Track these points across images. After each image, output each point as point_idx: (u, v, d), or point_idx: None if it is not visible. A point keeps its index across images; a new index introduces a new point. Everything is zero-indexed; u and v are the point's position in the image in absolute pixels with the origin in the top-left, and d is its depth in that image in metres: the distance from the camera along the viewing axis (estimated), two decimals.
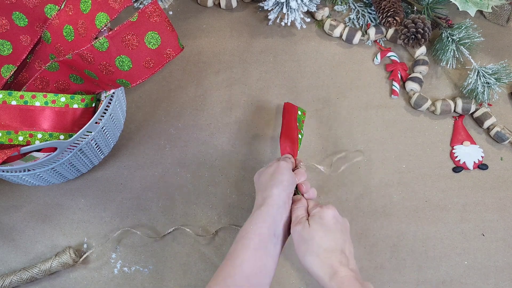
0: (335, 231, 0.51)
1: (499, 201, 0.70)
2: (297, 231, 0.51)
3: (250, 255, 0.48)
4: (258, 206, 0.53)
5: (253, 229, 0.50)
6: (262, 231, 0.50)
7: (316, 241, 0.50)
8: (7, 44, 0.63)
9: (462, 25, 0.78)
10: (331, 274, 0.47)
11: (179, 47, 0.57)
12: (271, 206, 0.52)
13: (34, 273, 0.62)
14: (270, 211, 0.52)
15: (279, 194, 0.53)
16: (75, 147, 0.60)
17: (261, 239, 0.49)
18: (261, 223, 0.50)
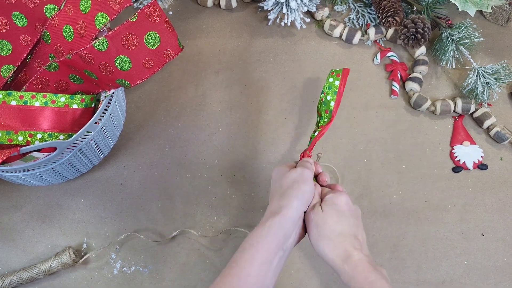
0: (348, 216, 0.50)
1: (499, 201, 0.70)
2: (310, 216, 0.51)
3: (256, 269, 0.46)
4: (272, 214, 0.49)
5: (262, 242, 0.47)
6: (272, 245, 0.48)
7: (329, 225, 0.49)
8: (7, 44, 0.63)
9: (462, 25, 0.78)
10: (345, 258, 0.47)
11: (179, 47, 0.57)
12: (287, 219, 0.49)
13: (34, 273, 0.62)
14: (284, 224, 0.49)
15: (298, 207, 0.50)
16: (74, 147, 0.60)
17: (269, 253, 0.47)
18: (272, 236, 0.48)
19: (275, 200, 0.51)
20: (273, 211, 0.50)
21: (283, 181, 0.52)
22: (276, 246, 0.48)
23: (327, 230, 0.49)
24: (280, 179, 0.53)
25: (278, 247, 0.48)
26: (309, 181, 0.52)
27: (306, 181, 0.52)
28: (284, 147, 0.74)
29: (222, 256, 0.66)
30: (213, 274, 0.64)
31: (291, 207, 0.49)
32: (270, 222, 0.48)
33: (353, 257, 0.47)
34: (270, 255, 0.47)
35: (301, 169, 0.53)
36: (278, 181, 0.53)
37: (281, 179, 0.53)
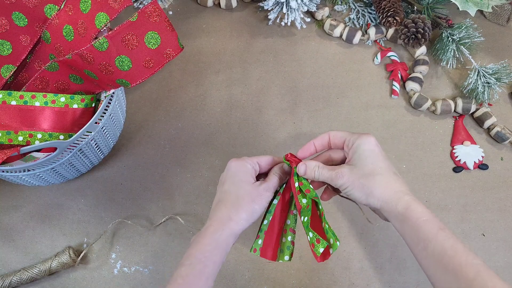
0: (382, 156, 0.49)
1: (500, 201, 0.70)
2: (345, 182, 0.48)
3: (203, 284, 0.46)
4: (221, 225, 0.48)
5: (210, 256, 0.46)
6: (218, 258, 0.47)
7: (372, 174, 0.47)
8: (7, 44, 0.63)
9: (462, 25, 0.78)
10: (396, 199, 0.46)
11: (179, 47, 0.57)
12: (233, 234, 0.48)
13: (34, 273, 0.62)
14: (230, 239, 0.48)
15: (244, 224, 0.48)
16: (75, 147, 0.60)
17: (216, 266, 0.47)
18: (219, 250, 0.47)
19: (227, 207, 0.49)
20: (222, 221, 0.48)
21: (243, 187, 0.50)
22: (221, 258, 0.47)
23: (370, 178, 0.47)
24: (239, 182, 0.50)
25: (222, 259, 0.48)
26: (265, 201, 0.50)
27: (262, 201, 0.49)
28: (284, 147, 0.74)
29: None
30: None
31: (239, 224, 0.48)
32: (218, 235, 0.47)
33: (404, 197, 0.46)
34: (216, 268, 0.47)
35: (266, 186, 0.50)
36: (237, 183, 0.50)
37: (241, 183, 0.50)
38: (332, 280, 0.65)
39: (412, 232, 0.45)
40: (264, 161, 0.54)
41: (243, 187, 0.50)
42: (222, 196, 0.50)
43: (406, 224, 0.45)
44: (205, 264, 0.46)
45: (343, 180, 0.48)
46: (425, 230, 0.44)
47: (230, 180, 0.51)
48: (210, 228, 0.48)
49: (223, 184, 0.51)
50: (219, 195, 0.51)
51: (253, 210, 0.49)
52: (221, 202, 0.50)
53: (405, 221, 0.45)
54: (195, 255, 0.47)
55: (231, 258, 0.65)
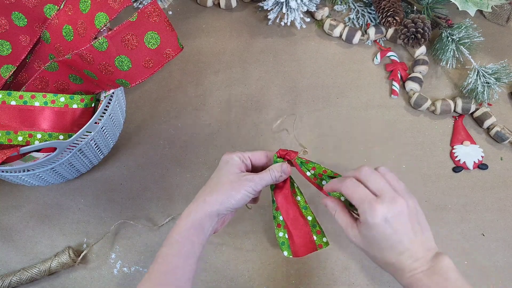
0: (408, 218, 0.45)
1: (499, 201, 0.70)
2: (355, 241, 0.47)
3: (182, 262, 0.48)
4: (196, 205, 0.50)
5: (186, 236, 0.49)
6: (194, 238, 0.49)
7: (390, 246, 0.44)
8: (7, 44, 0.63)
9: (462, 25, 0.78)
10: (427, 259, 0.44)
11: (179, 47, 0.57)
12: (207, 215, 0.49)
13: (34, 273, 0.62)
14: (204, 221, 0.49)
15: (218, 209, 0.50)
16: (74, 147, 0.60)
17: (193, 245, 0.49)
18: (195, 230, 0.49)
19: (204, 191, 0.51)
20: (197, 203, 0.50)
21: (225, 175, 0.51)
22: (199, 239, 0.49)
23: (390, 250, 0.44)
24: (224, 171, 0.52)
25: (200, 240, 0.49)
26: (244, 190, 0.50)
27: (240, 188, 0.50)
28: (284, 147, 0.73)
29: (222, 256, 0.66)
30: (213, 274, 0.64)
31: (212, 206, 0.49)
32: (192, 216, 0.49)
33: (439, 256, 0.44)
34: (194, 248, 0.48)
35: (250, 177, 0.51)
36: (221, 172, 0.52)
37: (225, 172, 0.52)
38: (332, 280, 0.65)
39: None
40: (256, 156, 0.54)
41: (225, 175, 0.51)
42: (206, 184, 0.53)
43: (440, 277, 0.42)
44: (182, 244, 0.48)
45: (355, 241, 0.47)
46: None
47: (217, 170, 0.53)
48: (185, 211, 0.50)
49: (212, 175, 0.54)
50: (205, 183, 0.53)
51: (228, 195, 0.50)
52: (202, 188, 0.52)
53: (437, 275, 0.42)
54: (172, 236, 0.49)
55: (230, 258, 0.65)
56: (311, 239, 0.54)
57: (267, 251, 0.66)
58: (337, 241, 0.66)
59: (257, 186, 0.51)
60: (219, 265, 0.65)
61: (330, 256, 0.66)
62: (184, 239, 0.48)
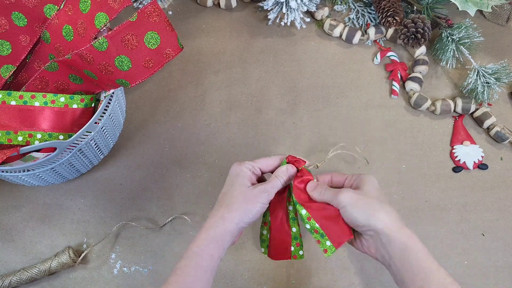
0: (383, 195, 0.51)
1: (499, 201, 0.70)
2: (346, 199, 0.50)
3: (201, 275, 0.48)
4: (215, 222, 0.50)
5: (207, 249, 0.49)
6: (214, 252, 0.49)
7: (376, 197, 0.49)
8: (7, 44, 0.63)
9: (462, 25, 0.78)
10: (399, 227, 0.47)
11: (179, 47, 0.57)
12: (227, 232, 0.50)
13: (34, 273, 0.62)
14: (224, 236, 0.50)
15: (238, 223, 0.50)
16: (74, 147, 0.60)
17: (212, 259, 0.49)
18: (214, 245, 0.49)
19: (224, 206, 0.51)
20: (216, 219, 0.51)
21: (237, 189, 0.52)
22: (217, 252, 0.50)
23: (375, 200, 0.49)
24: (235, 185, 0.52)
25: (219, 254, 0.50)
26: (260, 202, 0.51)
27: (256, 202, 0.51)
28: (284, 147, 0.74)
29: None
30: None
31: (232, 222, 0.50)
32: (212, 232, 0.50)
33: (406, 229, 0.48)
34: (213, 261, 0.49)
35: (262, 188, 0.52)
36: (233, 186, 0.52)
37: (237, 186, 0.52)
38: (332, 280, 0.65)
39: (414, 262, 0.46)
40: (265, 164, 0.55)
41: (237, 189, 0.52)
42: (219, 198, 0.53)
43: (408, 253, 0.46)
44: (201, 257, 0.49)
45: (346, 197, 0.49)
46: (428, 263, 0.46)
47: (228, 183, 0.54)
48: (205, 225, 0.51)
49: (224, 187, 0.54)
50: (219, 198, 0.53)
51: (246, 210, 0.50)
52: (218, 203, 0.53)
53: (406, 249, 0.46)
54: (192, 249, 0.50)
55: (230, 258, 0.65)
56: (287, 249, 0.55)
57: None
58: None
59: (271, 195, 0.52)
60: (219, 265, 0.65)
61: (330, 256, 0.66)
62: (204, 252, 0.49)
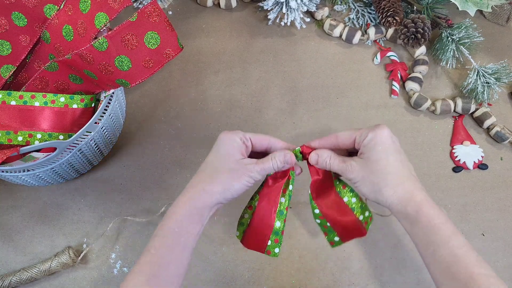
0: (396, 152, 0.45)
1: (499, 201, 0.70)
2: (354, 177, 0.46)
3: (177, 254, 0.43)
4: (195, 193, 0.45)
5: (185, 226, 0.44)
6: (192, 229, 0.45)
7: (381, 170, 0.45)
8: (6, 44, 0.63)
9: (462, 25, 0.78)
10: (407, 200, 0.44)
11: (179, 47, 0.57)
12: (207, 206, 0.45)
13: (34, 273, 0.62)
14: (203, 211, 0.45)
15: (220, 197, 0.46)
16: (74, 147, 0.60)
17: (190, 235, 0.45)
18: (193, 221, 0.45)
19: (202, 178, 0.46)
20: (196, 191, 0.46)
21: (225, 161, 0.47)
22: (196, 229, 0.45)
23: (380, 175, 0.45)
24: (223, 155, 0.47)
25: (198, 230, 0.45)
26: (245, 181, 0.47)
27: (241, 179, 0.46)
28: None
29: (222, 256, 0.66)
30: (213, 274, 0.64)
31: (213, 197, 0.45)
32: (192, 204, 0.45)
33: (416, 198, 0.44)
34: (191, 239, 0.45)
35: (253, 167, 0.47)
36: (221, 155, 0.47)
37: (225, 156, 0.47)
38: (332, 280, 0.65)
39: (423, 235, 0.43)
40: (259, 140, 0.50)
41: (225, 160, 0.47)
42: (202, 167, 0.48)
43: (417, 227, 0.43)
44: (179, 234, 0.44)
45: (353, 174, 0.46)
46: (436, 234, 0.42)
47: (215, 151, 0.48)
48: (183, 198, 0.46)
49: (208, 156, 0.49)
50: (202, 166, 0.48)
51: (229, 186, 0.46)
52: (200, 172, 0.48)
53: (415, 223, 0.44)
54: (168, 225, 0.45)
55: (230, 258, 0.65)
56: (264, 242, 0.51)
57: None
58: None
59: (257, 176, 0.47)
60: (219, 265, 0.65)
61: (330, 257, 0.66)
62: (181, 229, 0.44)
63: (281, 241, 0.51)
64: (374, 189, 0.45)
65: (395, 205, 0.45)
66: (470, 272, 0.40)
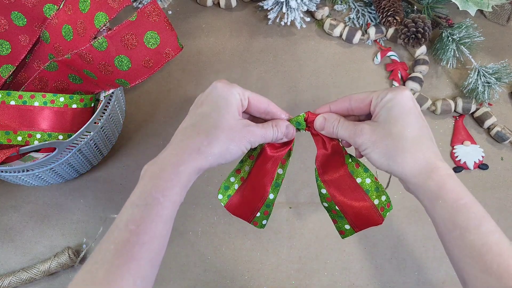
0: (418, 116, 0.39)
1: (500, 201, 0.70)
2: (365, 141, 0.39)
3: (161, 228, 0.37)
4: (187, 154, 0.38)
5: (170, 194, 0.38)
6: (178, 197, 0.39)
7: (401, 134, 0.38)
8: (6, 44, 0.63)
9: (462, 25, 0.78)
10: (428, 172, 0.38)
11: (179, 46, 0.56)
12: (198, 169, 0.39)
13: (33, 273, 0.62)
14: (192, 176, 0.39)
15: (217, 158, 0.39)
16: (74, 147, 0.60)
17: (175, 206, 0.39)
18: (179, 188, 0.38)
19: (199, 134, 0.39)
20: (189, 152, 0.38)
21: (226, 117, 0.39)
22: (180, 197, 0.39)
23: (398, 139, 0.38)
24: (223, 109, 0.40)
25: (181, 199, 0.39)
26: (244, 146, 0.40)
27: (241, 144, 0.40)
28: None
29: (222, 256, 0.65)
30: (213, 274, 0.64)
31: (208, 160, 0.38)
32: (182, 170, 0.38)
33: (439, 171, 0.38)
34: (174, 208, 0.39)
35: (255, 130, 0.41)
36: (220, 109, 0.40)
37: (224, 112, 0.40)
38: (332, 281, 0.64)
39: (447, 215, 0.37)
40: (257, 101, 0.43)
41: (225, 117, 0.40)
42: (197, 119, 0.40)
43: (439, 205, 0.37)
44: (163, 206, 0.37)
45: (363, 138, 0.39)
46: (465, 217, 0.37)
47: (213, 103, 0.41)
48: (172, 159, 0.39)
49: (201, 105, 0.41)
50: (193, 118, 0.41)
51: (227, 149, 0.39)
52: (193, 126, 0.40)
53: (437, 200, 0.37)
54: (151, 193, 0.38)
55: (230, 258, 0.65)
56: (253, 212, 0.46)
57: (267, 251, 0.66)
58: (337, 242, 0.66)
59: (256, 142, 0.41)
60: (219, 265, 0.65)
61: (330, 257, 0.66)
62: (166, 199, 0.38)
63: (270, 213, 0.47)
64: (388, 154, 0.38)
65: (413, 177, 0.38)
66: (506, 265, 0.35)
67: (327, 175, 0.45)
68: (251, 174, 0.46)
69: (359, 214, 0.45)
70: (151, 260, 0.37)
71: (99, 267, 0.35)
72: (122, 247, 0.36)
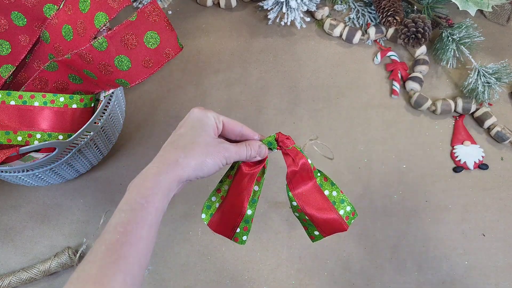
0: None
1: (500, 201, 0.70)
2: None
3: (146, 231, 0.40)
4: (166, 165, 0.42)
5: (153, 200, 0.41)
6: (161, 204, 0.41)
7: None
8: (6, 44, 0.63)
9: (462, 25, 0.78)
10: None
11: (178, 46, 0.56)
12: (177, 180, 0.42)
13: (33, 273, 0.62)
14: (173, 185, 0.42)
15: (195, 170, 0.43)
16: (74, 147, 0.60)
17: (159, 211, 0.41)
18: (161, 196, 0.41)
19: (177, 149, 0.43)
20: (168, 163, 0.42)
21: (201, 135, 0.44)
22: (163, 205, 0.42)
23: None
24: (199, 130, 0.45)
25: (164, 207, 0.42)
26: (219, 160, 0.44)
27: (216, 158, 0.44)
28: None
29: (222, 256, 0.65)
30: (213, 274, 0.64)
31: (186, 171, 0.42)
32: (163, 178, 0.41)
33: None
34: (158, 215, 0.41)
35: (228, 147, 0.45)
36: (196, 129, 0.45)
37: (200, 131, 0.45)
38: (332, 281, 0.64)
39: None
40: (231, 125, 0.48)
41: (201, 135, 0.44)
42: (174, 139, 0.45)
43: None
44: (147, 211, 0.40)
45: None
46: None
47: (189, 125, 0.46)
48: (152, 170, 0.42)
49: (180, 128, 0.46)
50: (172, 138, 0.45)
51: (204, 162, 0.43)
52: (172, 143, 0.44)
53: None
54: (135, 200, 0.41)
55: (230, 258, 0.65)
56: (233, 228, 0.49)
57: (267, 251, 0.66)
58: (337, 242, 0.66)
59: (231, 159, 0.45)
60: (219, 265, 0.65)
61: (330, 257, 0.66)
62: (150, 205, 0.41)
63: (249, 229, 0.49)
64: None
65: None
66: None
67: (297, 189, 0.50)
68: (230, 192, 0.50)
69: (326, 223, 0.50)
70: (139, 260, 0.40)
71: (92, 265, 0.38)
72: (112, 247, 0.39)
